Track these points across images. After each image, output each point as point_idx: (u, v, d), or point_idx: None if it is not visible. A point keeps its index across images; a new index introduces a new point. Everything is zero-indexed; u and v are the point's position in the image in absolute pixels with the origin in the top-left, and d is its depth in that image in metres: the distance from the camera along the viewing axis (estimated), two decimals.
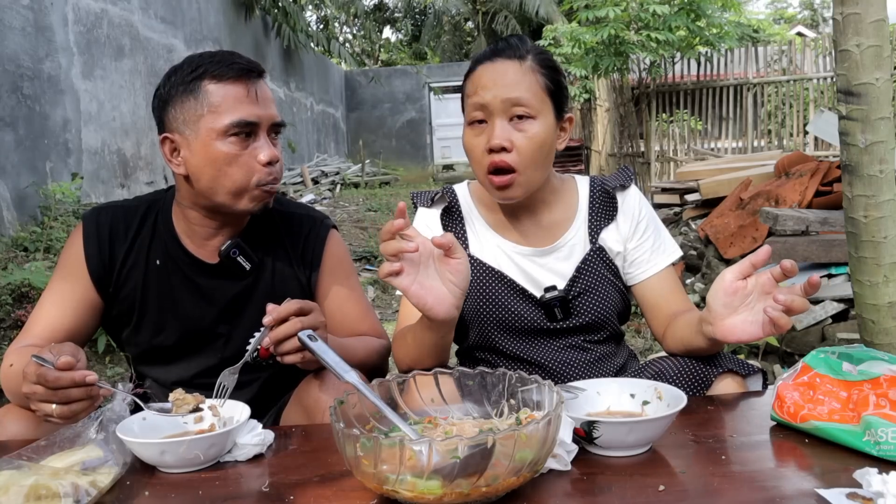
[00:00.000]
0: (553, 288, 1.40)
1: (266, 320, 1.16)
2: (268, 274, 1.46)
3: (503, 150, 1.30)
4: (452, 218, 1.46)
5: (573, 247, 1.43)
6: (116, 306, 1.44)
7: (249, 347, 1.19)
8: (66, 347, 1.09)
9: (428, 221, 1.47)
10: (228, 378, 1.18)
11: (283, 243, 1.48)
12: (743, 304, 1.11)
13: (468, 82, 1.37)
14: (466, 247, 1.44)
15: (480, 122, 1.33)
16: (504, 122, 1.30)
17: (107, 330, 1.49)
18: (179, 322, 1.43)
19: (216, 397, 1.16)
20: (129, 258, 1.42)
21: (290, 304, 1.17)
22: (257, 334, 1.19)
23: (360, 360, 1.10)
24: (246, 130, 1.32)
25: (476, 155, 1.34)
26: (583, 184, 1.49)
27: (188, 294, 1.43)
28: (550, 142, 1.34)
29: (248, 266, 1.43)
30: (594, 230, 1.44)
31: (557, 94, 1.36)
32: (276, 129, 1.38)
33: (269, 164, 1.34)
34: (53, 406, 1.05)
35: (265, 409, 1.46)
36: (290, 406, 1.36)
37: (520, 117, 1.30)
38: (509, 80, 1.31)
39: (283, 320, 1.16)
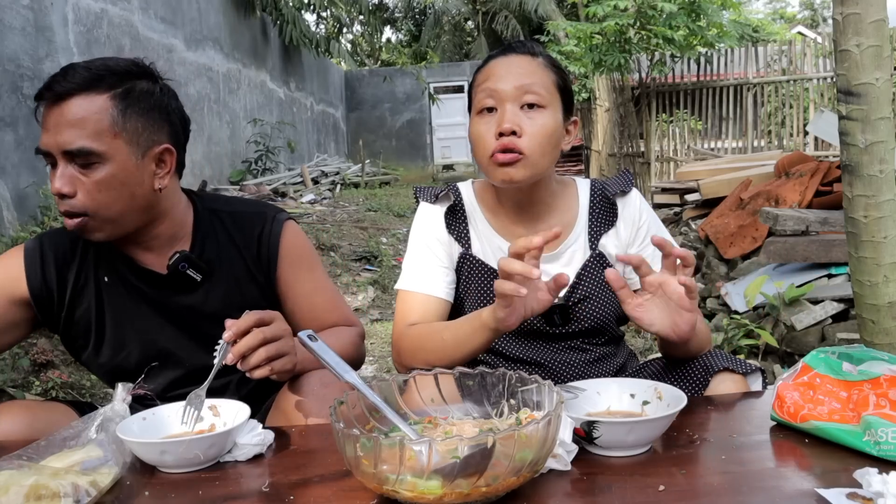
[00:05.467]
0: None
1: (226, 336, 1.11)
2: (222, 281, 1.40)
3: (513, 133, 1.30)
4: (456, 217, 1.45)
5: (573, 253, 1.43)
6: (73, 329, 1.39)
7: (214, 366, 1.12)
8: None
9: (431, 217, 1.45)
10: (195, 402, 1.12)
11: (235, 246, 1.42)
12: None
13: (479, 75, 1.38)
14: (469, 247, 1.43)
15: (490, 109, 1.33)
16: (515, 108, 1.31)
17: (69, 352, 1.44)
18: (138, 337, 1.38)
19: (184, 422, 1.12)
20: (80, 278, 1.37)
21: (250, 317, 1.13)
22: (217, 350, 1.13)
23: (338, 355, 1.07)
24: (46, 161, 1.25)
25: (484, 141, 1.33)
26: (583, 188, 1.48)
27: (142, 308, 1.38)
28: (558, 135, 1.35)
29: (198, 278, 1.37)
30: (594, 236, 1.43)
31: (566, 93, 1.38)
32: (77, 157, 1.23)
33: (59, 195, 1.23)
34: None
35: (251, 412, 1.44)
36: (272, 413, 1.34)
37: (531, 106, 1.31)
38: (523, 69, 1.33)
39: (245, 333, 1.12)
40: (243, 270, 1.42)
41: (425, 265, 1.42)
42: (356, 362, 1.42)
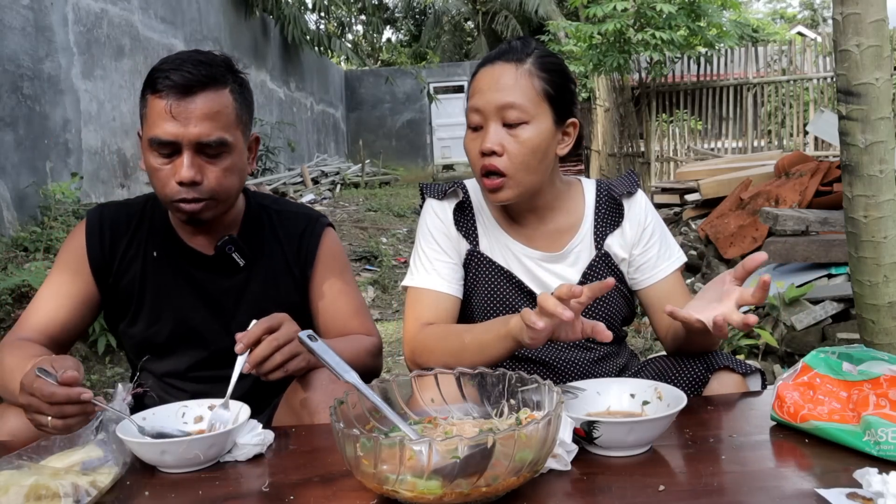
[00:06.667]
0: None
1: (238, 349, 1.15)
2: (262, 270, 1.47)
3: (494, 153, 1.31)
4: (465, 213, 1.46)
5: (579, 253, 1.43)
6: (116, 298, 1.45)
7: (231, 379, 1.15)
8: (68, 361, 1.09)
9: (440, 214, 1.45)
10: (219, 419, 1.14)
11: (278, 240, 1.50)
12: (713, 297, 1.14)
13: (471, 85, 1.38)
14: (477, 244, 1.44)
15: (478, 125, 1.34)
16: (497, 126, 1.31)
17: (107, 323, 1.52)
18: (173, 313, 1.44)
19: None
20: (130, 250, 1.45)
21: (258, 327, 1.16)
22: (239, 360, 1.15)
23: (348, 360, 1.09)
24: (162, 149, 1.29)
25: (472, 157, 1.36)
26: (589, 188, 1.48)
27: (182, 285, 1.44)
28: (545, 147, 1.33)
29: (241, 262, 1.44)
30: (599, 236, 1.44)
31: (558, 98, 1.34)
32: (208, 147, 1.30)
33: (184, 183, 1.29)
34: (48, 418, 1.04)
35: (259, 408, 1.45)
36: (281, 408, 1.36)
37: (512, 122, 1.30)
38: (503, 84, 1.31)
39: (257, 342, 1.15)
40: (282, 264, 1.49)
41: (436, 262, 1.42)
42: (370, 371, 1.43)
